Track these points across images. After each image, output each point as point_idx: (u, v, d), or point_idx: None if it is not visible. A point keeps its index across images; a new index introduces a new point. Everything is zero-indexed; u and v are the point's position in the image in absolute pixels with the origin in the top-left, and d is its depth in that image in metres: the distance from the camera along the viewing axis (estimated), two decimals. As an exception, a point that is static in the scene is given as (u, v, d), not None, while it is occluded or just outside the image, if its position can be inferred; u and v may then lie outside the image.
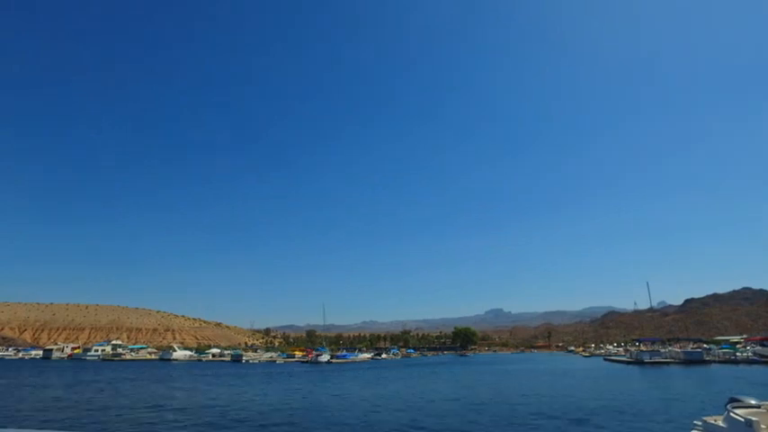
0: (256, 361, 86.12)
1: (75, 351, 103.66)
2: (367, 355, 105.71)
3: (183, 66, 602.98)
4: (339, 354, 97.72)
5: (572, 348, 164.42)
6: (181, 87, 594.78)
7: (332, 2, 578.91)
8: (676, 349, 76.44)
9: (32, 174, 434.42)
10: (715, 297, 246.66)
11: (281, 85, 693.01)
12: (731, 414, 9.32)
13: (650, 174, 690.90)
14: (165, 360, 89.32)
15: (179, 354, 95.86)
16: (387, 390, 32.89)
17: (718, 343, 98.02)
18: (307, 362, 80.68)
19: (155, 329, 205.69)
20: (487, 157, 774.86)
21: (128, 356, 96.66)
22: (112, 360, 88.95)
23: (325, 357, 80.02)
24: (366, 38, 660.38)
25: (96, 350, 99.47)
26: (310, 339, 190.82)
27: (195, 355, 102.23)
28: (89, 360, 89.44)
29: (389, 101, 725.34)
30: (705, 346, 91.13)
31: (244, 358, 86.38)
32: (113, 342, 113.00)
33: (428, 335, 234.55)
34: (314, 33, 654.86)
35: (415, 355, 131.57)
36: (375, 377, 46.63)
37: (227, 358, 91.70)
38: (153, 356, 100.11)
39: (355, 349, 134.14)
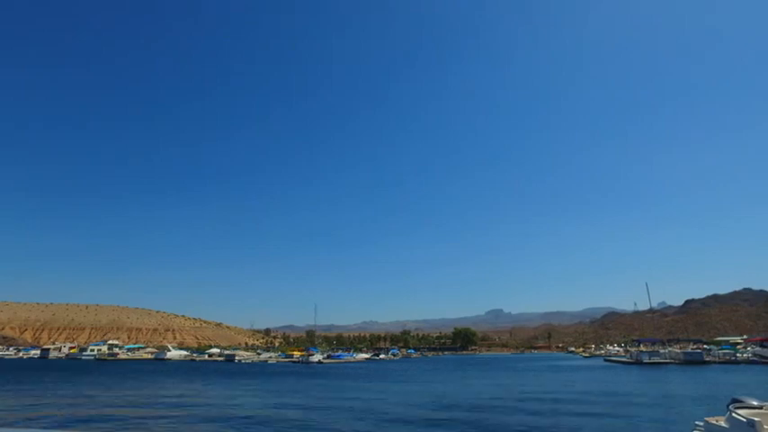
0: (249, 361, 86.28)
1: (72, 351, 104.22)
2: (365, 356, 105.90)
3: (183, 64, 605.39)
4: (334, 354, 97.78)
5: (572, 349, 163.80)
6: (181, 86, 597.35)
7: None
8: (676, 350, 75.62)
9: (32, 173, 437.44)
10: (715, 298, 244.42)
11: (279, 84, 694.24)
12: (733, 414, 9.14)
13: (651, 174, 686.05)
14: (159, 360, 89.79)
15: (173, 353, 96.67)
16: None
17: (718, 344, 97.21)
18: (299, 362, 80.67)
19: (155, 329, 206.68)
20: (488, 157, 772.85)
21: (123, 356, 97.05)
22: (107, 360, 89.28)
23: (316, 357, 79.97)
24: (357, 35, 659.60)
25: (92, 350, 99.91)
26: (310, 339, 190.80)
27: (190, 354, 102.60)
28: (84, 360, 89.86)
29: (388, 101, 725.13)
30: (705, 346, 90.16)
31: (236, 358, 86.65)
32: (110, 342, 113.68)
33: (428, 335, 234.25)
34: (312, 33, 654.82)
35: (415, 355, 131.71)
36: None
37: (222, 358, 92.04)
38: (149, 356, 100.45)
39: (351, 349, 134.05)
